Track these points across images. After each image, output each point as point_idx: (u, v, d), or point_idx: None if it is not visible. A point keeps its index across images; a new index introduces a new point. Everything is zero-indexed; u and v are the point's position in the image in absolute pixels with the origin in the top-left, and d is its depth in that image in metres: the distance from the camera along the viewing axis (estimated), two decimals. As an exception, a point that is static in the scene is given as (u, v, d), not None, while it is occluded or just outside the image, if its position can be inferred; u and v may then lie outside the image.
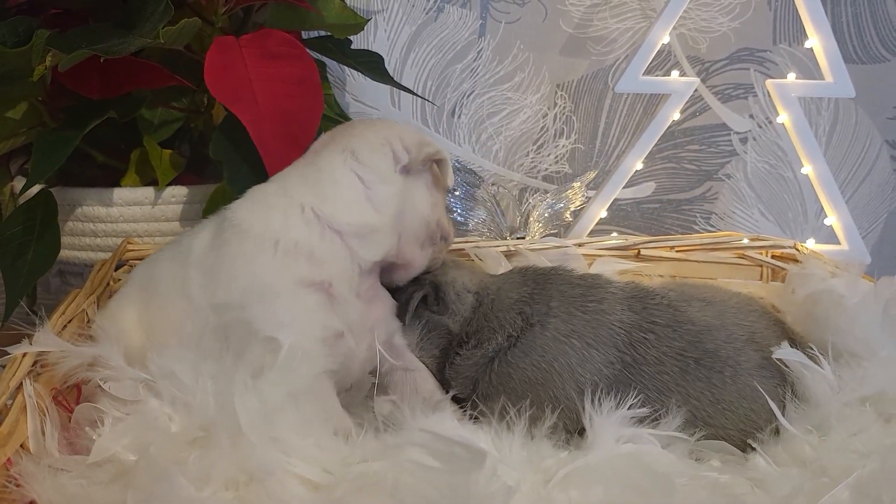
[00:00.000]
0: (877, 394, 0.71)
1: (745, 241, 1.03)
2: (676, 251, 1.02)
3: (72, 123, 0.90)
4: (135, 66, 0.91)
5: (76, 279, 1.05)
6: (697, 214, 1.42)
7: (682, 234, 1.21)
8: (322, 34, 1.09)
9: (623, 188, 1.22)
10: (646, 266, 1.00)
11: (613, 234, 1.24)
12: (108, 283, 0.84)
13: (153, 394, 0.62)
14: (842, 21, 1.34)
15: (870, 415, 0.69)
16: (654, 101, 1.26)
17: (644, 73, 1.16)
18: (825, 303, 0.80)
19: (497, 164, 1.37)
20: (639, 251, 1.00)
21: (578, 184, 1.24)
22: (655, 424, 0.66)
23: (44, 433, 0.60)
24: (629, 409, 0.64)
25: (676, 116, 1.20)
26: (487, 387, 0.73)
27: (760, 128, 1.38)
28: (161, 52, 0.93)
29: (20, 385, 0.61)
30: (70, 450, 0.61)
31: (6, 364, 0.64)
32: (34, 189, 0.91)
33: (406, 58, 1.31)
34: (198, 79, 0.97)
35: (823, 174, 1.19)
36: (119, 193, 0.95)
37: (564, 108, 1.35)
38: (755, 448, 0.68)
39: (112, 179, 1.00)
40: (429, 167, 0.76)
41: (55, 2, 0.97)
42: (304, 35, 1.11)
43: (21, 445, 0.58)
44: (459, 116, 1.35)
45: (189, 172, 1.03)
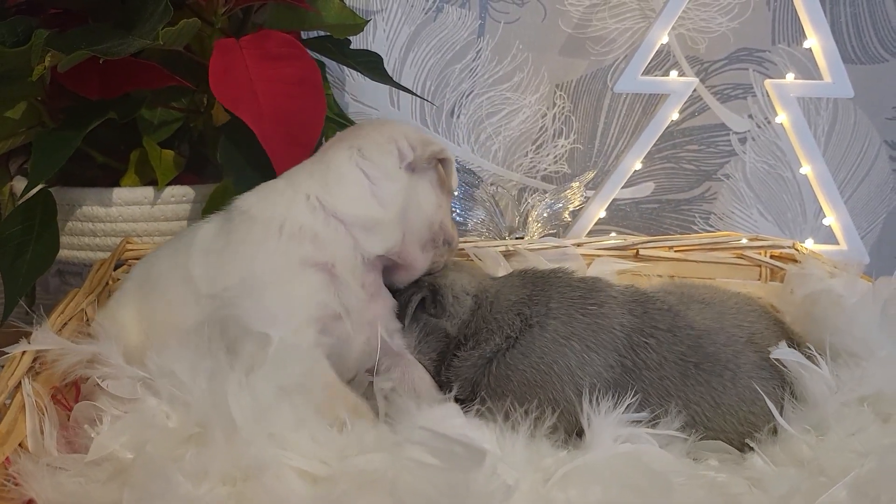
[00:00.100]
0: (875, 394, 0.71)
1: (744, 241, 1.03)
2: (675, 251, 1.02)
3: (71, 124, 0.90)
4: (134, 67, 0.91)
5: (75, 279, 1.05)
6: (696, 214, 1.42)
7: (681, 235, 1.21)
8: (321, 34, 1.09)
9: (622, 188, 1.22)
10: (644, 266, 1.00)
11: (612, 234, 1.24)
12: (107, 283, 0.85)
13: (151, 392, 0.62)
14: (841, 21, 1.34)
15: (868, 415, 0.69)
16: (653, 101, 1.26)
17: (643, 74, 1.16)
18: (824, 303, 0.80)
19: (496, 164, 1.37)
20: (637, 251, 1.00)
21: (577, 184, 1.24)
22: (654, 426, 0.65)
23: (42, 432, 0.60)
24: (629, 412, 0.64)
25: (675, 116, 1.20)
26: (486, 388, 0.72)
27: (759, 128, 1.38)
28: (160, 53, 0.93)
29: (19, 384, 0.61)
30: (69, 448, 0.61)
31: (5, 363, 0.64)
32: (33, 189, 0.91)
33: (405, 58, 1.31)
34: (197, 79, 0.97)
35: (822, 174, 1.19)
36: (118, 193, 0.95)
37: (563, 108, 1.35)
38: (753, 448, 0.68)
39: (112, 179, 1.00)
40: (434, 166, 0.77)
41: (54, 2, 0.97)
42: (304, 35, 1.11)
43: (20, 444, 0.58)
44: (458, 116, 1.35)
45: (188, 172, 1.03)
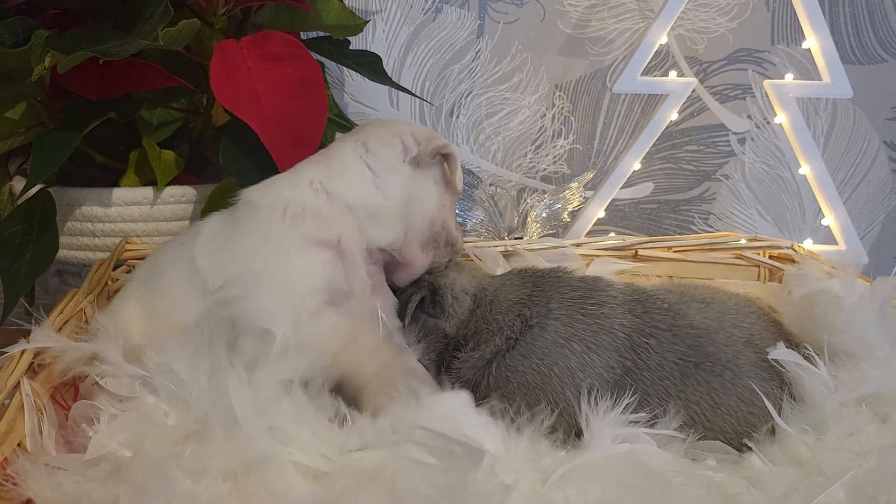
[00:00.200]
0: (873, 394, 0.71)
1: (743, 242, 1.03)
2: (674, 251, 1.02)
3: (71, 124, 0.90)
4: (134, 67, 0.91)
5: (74, 279, 1.05)
6: (695, 215, 1.42)
7: (680, 235, 1.21)
8: (321, 35, 1.09)
9: (621, 188, 1.22)
10: (643, 266, 1.00)
11: (611, 235, 1.24)
12: (106, 283, 0.85)
13: (150, 390, 0.62)
14: (840, 22, 1.34)
15: (866, 415, 0.69)
16: (653, 102, 1.26)
17: (642, 74, 1.16)
18: (822, 303, 0.79)
19: (495, 165, 1.37)
20: (636, 251, 1.00)
21: (576, 184, 1.24)
22: (653, 426, 0.65)
23: (41, 432, 0.60)
24: (629, 414, 0.63)
25: (674, 117, 1.20)
26: (486, 390, 0.72)
27: (758, 128, 1.38)
28: (160, 53, 0.93)
29: (18, 384, 0.61)
30: (67, 448, 0.61)
31: (4, 363, 0.64)
32: (33, 189, 0.91)
33: (404, 58, 1.31)
34: (196, 79, 0.97)
35: (821, 175, 1.19)
36: (118, 193, 0.95)
37: (562, 109, 1.36)
38: (751, 448, 0.68)
39: (111, 180, 1.00)
40: (439, 163, 0.77)
41: (54, 2, 0.97)
42: (303, 36, 1.11)
43: (18, 444, 0.58)
44: (458, 117, 1.35)
45: (188, 172, 1.03)
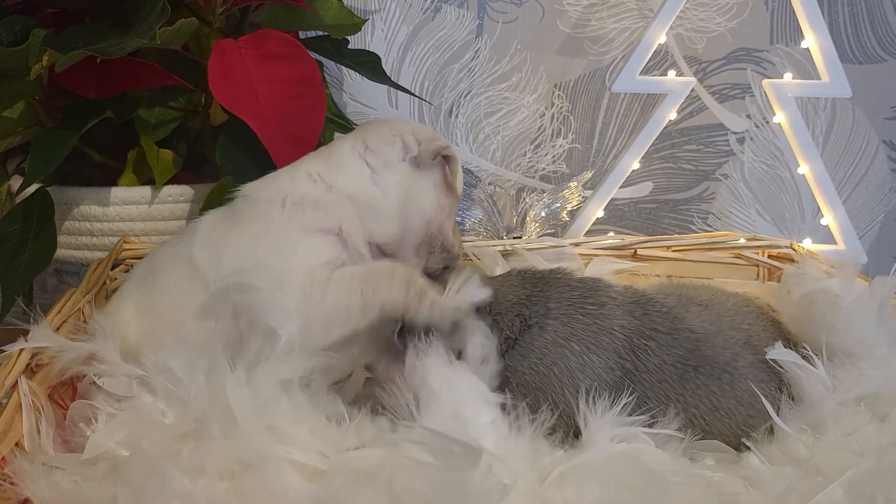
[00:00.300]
0: (872, 393, 0.71)
1: (742, 241, 1.02)
2: (673, 251, 1.01)
3: (69, 123, 0.90)
4: (132, 66, 0.91)
5: (73, 278, 1.05)
6: (694, 214, 1.42)
7: (679, 234, 1.21)
8: (319, 34, 1.09)
9: (620, 188, 1.22)
10: (642, 266, 1.00)
11: (610, 234, 1.24)
12: (105, 283, 0.84)
13: (147, 390, 0.62)
14: (839, 21, 1.34)
15: (864, 414, 0.69)
16: (652, 101, 1.26)
17: (641, 73, 1.16)
18: (820, 303, 0.79)
19: (494, 164, 1.37)
20: (635, 251, 1.00)
21: (575, 183, 1.24)
22: (651, 426, 0.65)
23: (39, 431, 0.60)
24: (628, 416, 0.63)
25: (673, 116, 1.20)
26: None
27: (757, 128, 1.38)
28: (158, 52, 0.93)
29: (15, 383, 0.61)
30: (65, 447, 0.61)
31: (2, 362, 0.64)
32: (31, 188, 0.91)
33: (403, 57, 1.31)
34: (195, 78, 0.97)
35: (820, 174, 1.19)
36: (116, 192, 0.95)
37: (562, 108, 1.35)
38: (750, 447, 0.68)
39: (109, 179, 0.99)
40: (440, 165, 0.77)
41: (52, 1, 0.97)
42: (302, 35, 1.11)
43: (16, 444, 0.58)
44: (457, 116, 1.35)
45: (186, 171, 1.03)
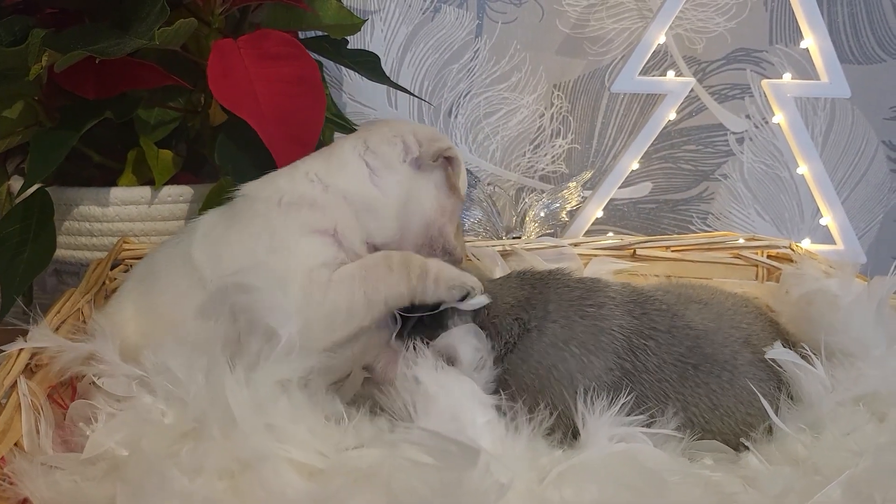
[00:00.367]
0: (870, 393, 0.71)
1: (741, 241, 1.02)
2: (672, 251, 1.01)
3: (68, 123, 0.90)
4: (131, 66, 0.91)
5: (72, 279, 1.05)
6: (694, 214, 1.42)
7: (678, 234, 1.21)
8: (318, 34, 1.09)
9: (619, 188, 1.23)
10: (641, 266, 1.00)
11: (609, 234, 1.24)
12: (104, 283, 0.85)
13: (147, 390, 0.62)
14: (838, 21, 1.34)
15: (863, 414, 0.69)
16: (651, 102, 1.26)
17: (640, 74, 1.17)
18: (819, 303, 0.79)
19: (494, 164, 1.37)
20: (634, 251, 1.00)
21: (574, 184, 1.24)
22: (650, 426, 0.65)
23: (38, 431, 0.60)
24: (627, 416, 0.63)
25: (673, 116, 1.21)
26: None
27: (757, 128, 1.38)
28: (157, 52, 0.93)
29: (15, 383, 0.61)
30: (65, 447, 0.61)
31: (1, 362, 0.64)
32: (30, 188, 0.91)
33: (403, 58, 1.31)
34: (194, 79, 0.97)
35: (819, 174, 1.20)
36: (115, 193, 0.95)
37: (561, 108, 1.36)
38: (748, 447, 0.68)
39: (108, 179, 0.99)
40: (442, 167, 0.77)
41: (51, 1, 0.97)
42: (301, 35, 1.11)
43: (15, 443, 0.58)
44: (456, 116, 1.35)
45: (185, 172, 1.03)
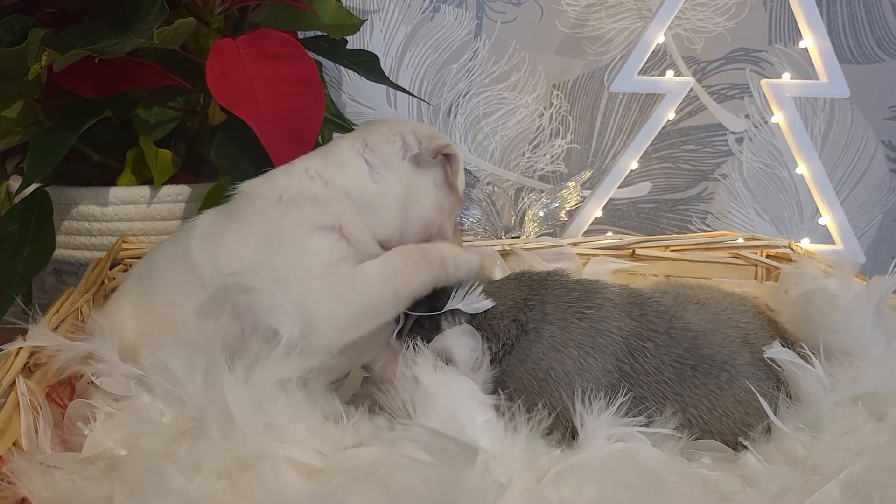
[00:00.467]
0: (869, 392, 0.71)
1: (740, 241, 1.02)
2: (671, 251, 1.01)
3: (67, 123, 0.90)
4: (130, 66, 0.91)
5: (72, 278, 1.05)
6: (693, 214, 1.42)
7: (678, 234, 1.21)
8: (318, 34, 1.09)
9: (618, 188, 1.23)
10: (641, 266, 1.00)
11: (609, 234, 1.24)
12: (103, 282, 0.85)
13: (145, 389, 0.62)
14: (837, 21, 1.34)
15: (862, 413, 0.69)
16: (650, 101, 1.26)
17: (639, 73, 1.17)
18: (818, 302, 0.79)
19: (493, 164, 1.37)
20: (634, 251, 1.00)
21: (574, 183, 1.24)
22: (648, 426, 0.65)
23: (37, 430, 0.60)
24: (624, 417, 0.63)
25: (672, 116, 1.21)
26: None
27: (756, 128, 1.38)
28: (157, 51, 0.93)
29: (13, 382, 0.61)
30: (63, 447, 0.61)
31: (0, 361, 0.64)
32: (30, 188, 0.91)
33: (402, 58, 1.31)
34: (193, 78, 0.97)
35: (818, 174, 1.20)
36: (114, 192, 0.95)
37: (560, 108, 1.36)
38: (746, 446, 0.68)
39: (108, 178, 0.99)
40: (441, 164, 0.76)
41: (50, 1, 0.97)
42: (300, 35, 1.11)
43: (14, 443, 0.58)
44: (455, 116, 1.35)
45: (185, 171, 1.03)
